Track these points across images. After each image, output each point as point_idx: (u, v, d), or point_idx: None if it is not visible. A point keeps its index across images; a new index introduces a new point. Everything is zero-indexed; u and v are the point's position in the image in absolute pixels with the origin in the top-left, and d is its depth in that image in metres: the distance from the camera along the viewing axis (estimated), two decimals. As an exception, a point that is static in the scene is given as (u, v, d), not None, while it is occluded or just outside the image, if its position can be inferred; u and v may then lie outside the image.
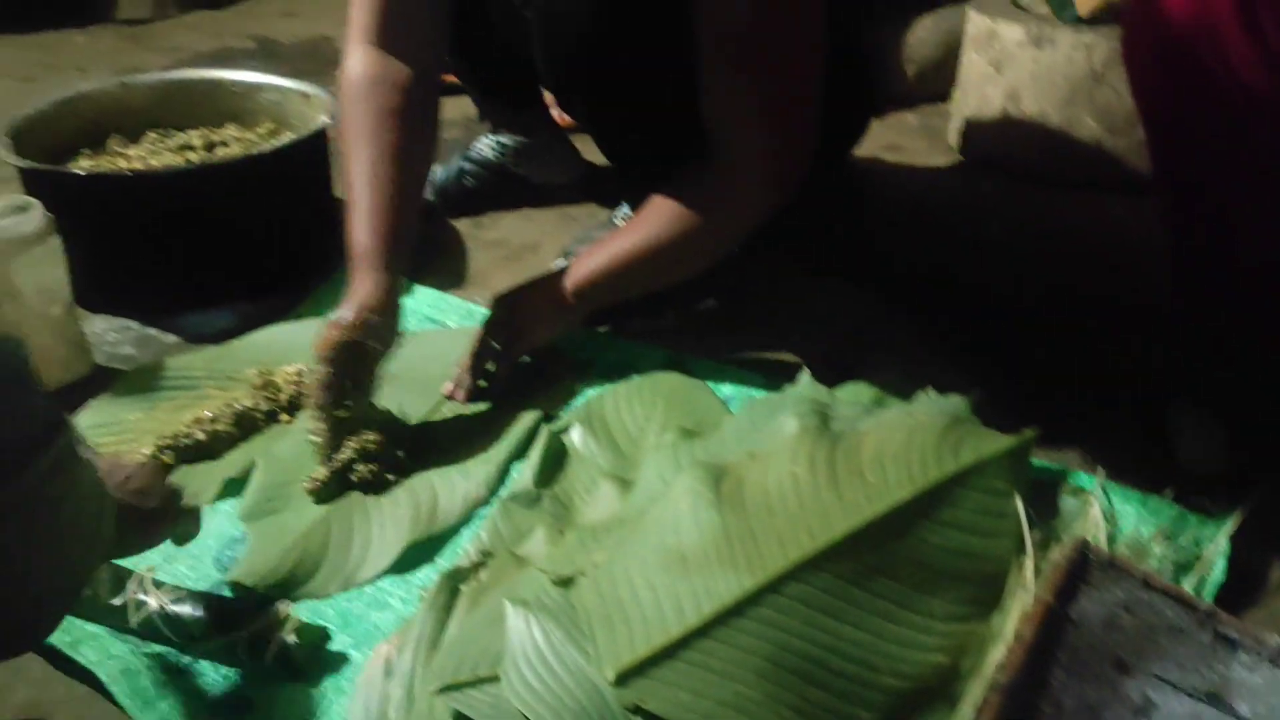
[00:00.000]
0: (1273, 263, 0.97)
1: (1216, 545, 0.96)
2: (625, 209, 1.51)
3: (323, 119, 1.52)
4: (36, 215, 1.18)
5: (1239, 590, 0.94)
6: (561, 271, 1.25)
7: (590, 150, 1.76)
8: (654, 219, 1.21)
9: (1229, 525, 0.97)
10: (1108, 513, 1.01)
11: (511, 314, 1.24)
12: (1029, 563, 0.92)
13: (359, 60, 1.23)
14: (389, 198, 1.17)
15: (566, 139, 1.74)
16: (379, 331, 1.13)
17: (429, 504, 1.08)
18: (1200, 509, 1.00)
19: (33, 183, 1.39)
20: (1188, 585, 0.94)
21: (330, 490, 1.09)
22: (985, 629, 0.90)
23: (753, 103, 1.16)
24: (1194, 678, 0.81)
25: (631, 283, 1.25)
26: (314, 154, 1.55)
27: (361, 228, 1.16)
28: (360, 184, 1.18)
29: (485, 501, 1.10)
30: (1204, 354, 1.04)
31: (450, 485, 1.11)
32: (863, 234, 1.54)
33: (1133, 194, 1.68)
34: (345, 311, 1.12)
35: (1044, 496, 1.03)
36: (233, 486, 1.11)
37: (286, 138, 1.58)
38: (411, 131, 1.22)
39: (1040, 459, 1.06)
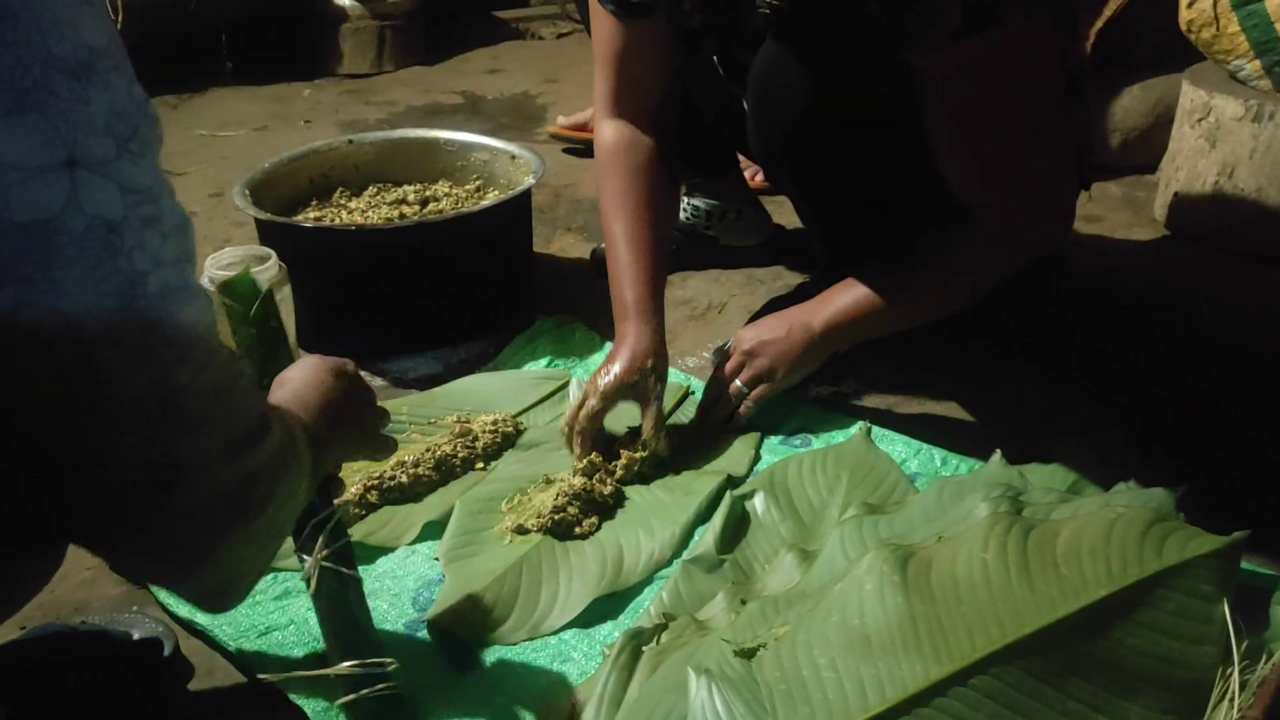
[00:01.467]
0: None
1: None
2: (818, 276, 1.52)
3: (528, 180, 1.59)
4: (272, 265, 1.28)
5: None
6: (804, 309, 1.29)
7: (778, 214, 1.78)
8: (905, 265, 1.25)
9: None
10: (1324, 627, 0.95)
11: (758, 353, 1.29)
12: (1235, 674, 0.88)
13: (609, 131, 1.38)
14: (648, 255, 1.31)
15: (758, 203, 1.77)
16: (660, 373, 1.28)
17: (615, 561, 1.12)
18: None
19: (267, 232, 1.51)
20: None
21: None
22: (1195, 741, 0.86)
23: (989, 167, 1.17)
24: None
25: (876, 324, 1.27)
26: (518, 212, 1.62)
27: (627, 282, 1.30)
28: (622, 242, 1.31)
29: (668, 563, 1.13)
30: None
31: (636, 544, 1.14)
32: (1063, 310, 1.50)
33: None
34: (625, 355, 1.26)
35: (1253, 605, 0.98)
36: (431, 529, 1.17)
37: (493, 196, 1.67)
38: (661, 193, 1.37)
39: (1251, 564, 1.01)
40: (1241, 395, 1.32)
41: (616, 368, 1.25)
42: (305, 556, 0.90)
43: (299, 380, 0.87)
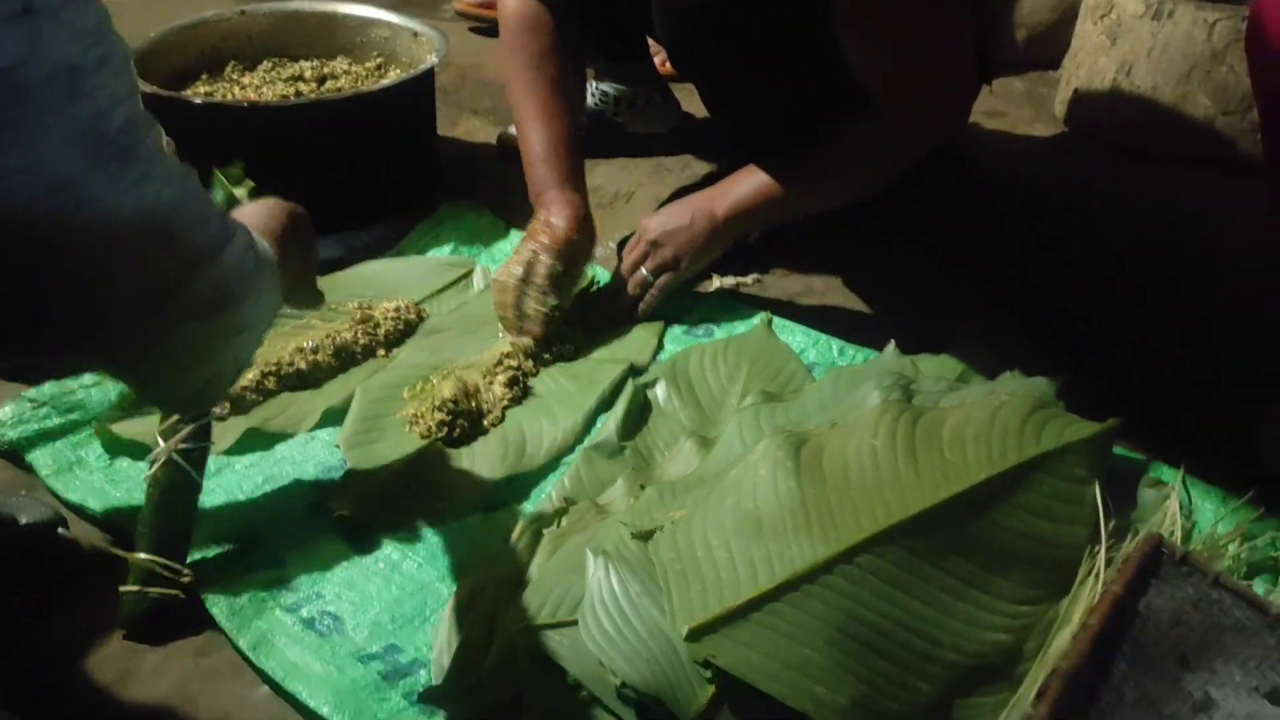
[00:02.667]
0: None
1: (1295, 548, 0.96)
2: (727, 164, 1.52)
3: (431, 59, 1.54)
4: (160, 140, 1.22)
5: (1313, 596, 0.94)
6: (707, 195, 1.30)
7: (687, 102, 1.76)
8: (808, 152, 1.25)
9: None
10: (1186, 508, 1.01)
11: (662, 242, 1.29)
12: (1101, 552, 0.93)
13: (514, 6, 1.36)
14: (564, 130, 1.31)
15: (667, 89, 1.75)
16: (589, 241, 1.29)
17: (517, 446, 1.13)
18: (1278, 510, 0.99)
19: (154, 107, 1.43)
20: (1260, 587, 0.94)
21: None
22: (1051, 614, 0.92)
23: (897, 62, 1.18)
24: (1257, 678, 0.82)
25: (779, 209, 1.28)
26: (420, 93, 1.58)
27: (545, 155, 1.29)
28: (535, 120, 1.31)
29: (570, 449, 1.14)
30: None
31: (539, 430, 1.15)
32: (960, 204, 1.52)
33: (1242, 176, 1.64)
34: (564, 215, 1.26)
35: (1123, 486, 1.03)
36: (331, 416, 1.16)
37: (395, 74, 1.62)
38: (570, 72, 1.36)
39: (1123, 449, 1.06)
40: (1128, 287, 1.36)
41: (559, 225, 1.26)
42: (163, 441, 0.95)
43: (253, 210, 0.97)
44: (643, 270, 1.30)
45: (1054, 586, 0.93)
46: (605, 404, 1.19)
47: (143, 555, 0.93)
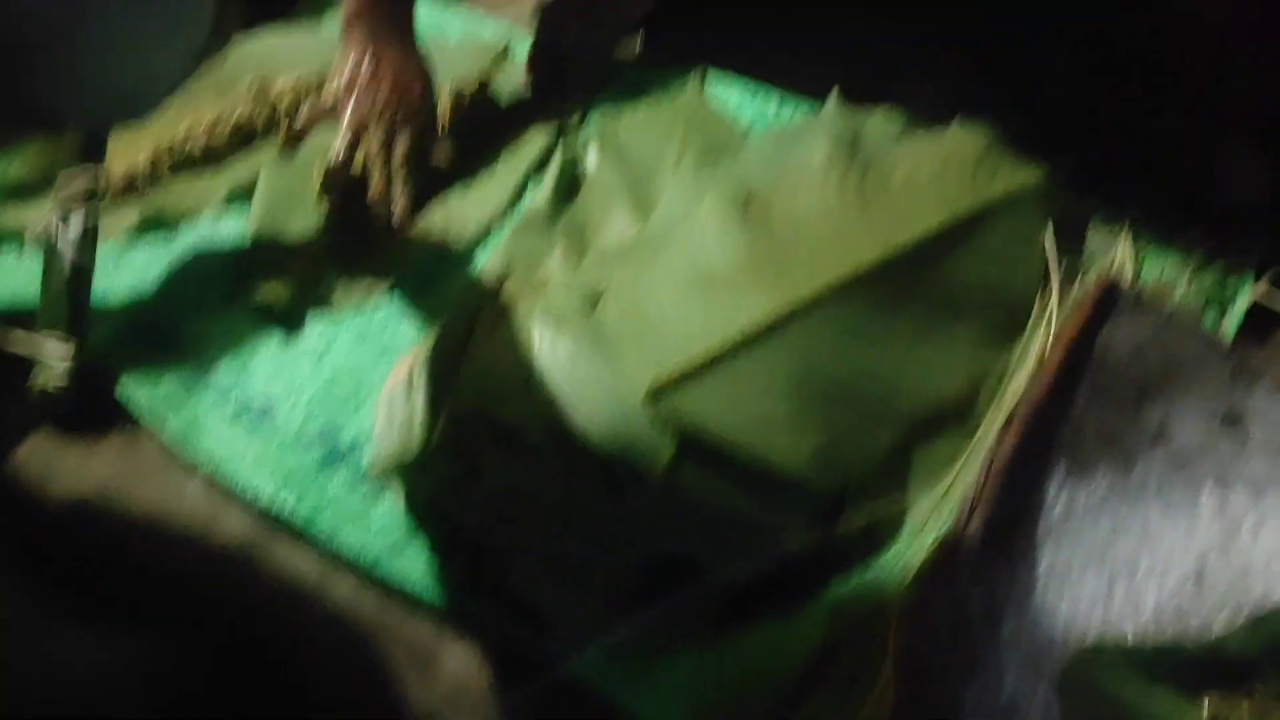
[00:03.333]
0: None
1: (1240, 280, 0.96)
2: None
3: None
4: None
5: (1262, 327, 0.94)
6: None
7: None
8: None
9: (1255, 263, 0.96)
10: (1137, 246, 0.99)
11: None
12: (1054, 295, 0.91)
13: None
14: None
15: None
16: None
17: (442, 224, 1.06)
18: (1234, 248, 0.98)
19: None
20: (1210, 320, 0.94)
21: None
22: (1007, 358, 0.91)
23: None
24: (1212, 405, 0.82)
25: None
26: None
27: None
28: None
29: (499, 222, 1.07)
30: (1263, 81, 0.99)
31: (463, 206, 1.08)
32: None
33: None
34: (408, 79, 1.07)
35: (1073, 229, 1.01)
36: (238, 196, 1.08)
37: None
38: None
39: (1074, 191, 1.03)
40: (1078, 25, 1.30)
41: (413, 86, 1.06)
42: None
43: None
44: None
45: (1008, 332, 0.92)
46: (533, 172, 1.12)
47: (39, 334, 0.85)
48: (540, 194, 1.08)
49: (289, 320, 0.96)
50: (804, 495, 0.79)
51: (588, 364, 0.82)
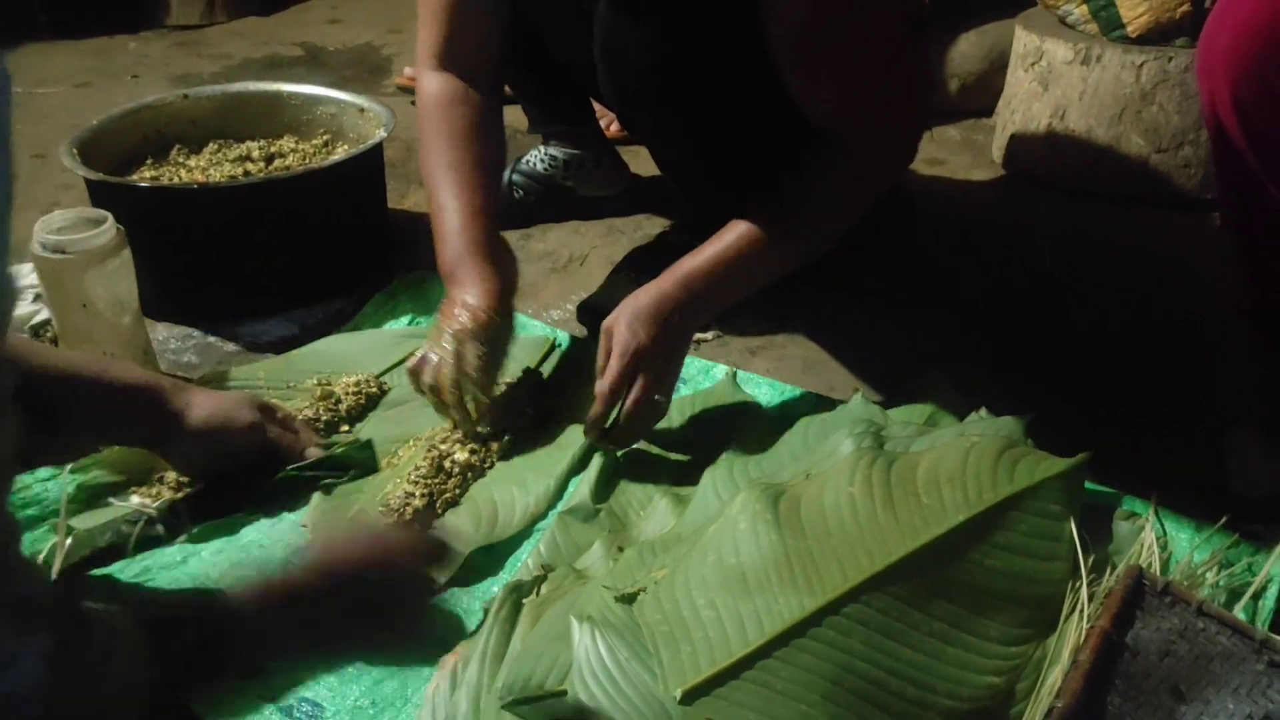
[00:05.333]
0: None
1: (1270, 572, 0.97)
2: (678, 225, 1.53)
3: (379, 133, 1.55)
4: (109, 228, 1.21)
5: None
6: (671, 279, 1.16)
7: (636, 163, 1.78)
8: (771, 210, 1.18)
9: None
10: (1161, 538, 1.02)
11: (655, 338, 1.12)
12: (1084, 587, 0.93)
13: (433, 83, 1.30)
14: (482, 202, 1.23)
15: (615, 152, 1.76)
16: (509, 318, 1.21)
17: (489, 516, 1.11)
18: (1254, 536, 1.01)
19: (99, 194, 1.43)
20: (1241, 612, 0.95)
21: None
22: (1040, 652, 0.91)
23: (849, 90, 1.17)
24: (1249, 705, 0.82)
25: (758, 275, 1.19)
26: (370, 167, 1.58)
27: (460, 229, 1.21)
28: (450, 196, 1.23)
29: (544, 515, 1.13)
30: (1265, 379, 1.05)
31: (510, 499, 1.13)
32: (912, 251, 1.55)
33: (1179, 210, 1.68)
34: (473, 300, 1.17)
35: (1098, 521, 1.04)
36: (297, 497, 1.14)
37: (342, 150, 1.62)
38: (487, 148, 1.29)
39: (1094, 483, 1.07)
40: (1083, 324, 1.39)
41: (477, 306, 1.17)
42: None
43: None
44: (636, 395, 1.13)
45: (1040, 625, 0.93)
46: (576, 468, 1.18)
47: None
48: (583, 485, 1.13)
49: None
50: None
51: (625, 663, 0.84)
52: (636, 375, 1.11)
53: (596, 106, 1.73)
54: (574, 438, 1.21)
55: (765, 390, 1.29)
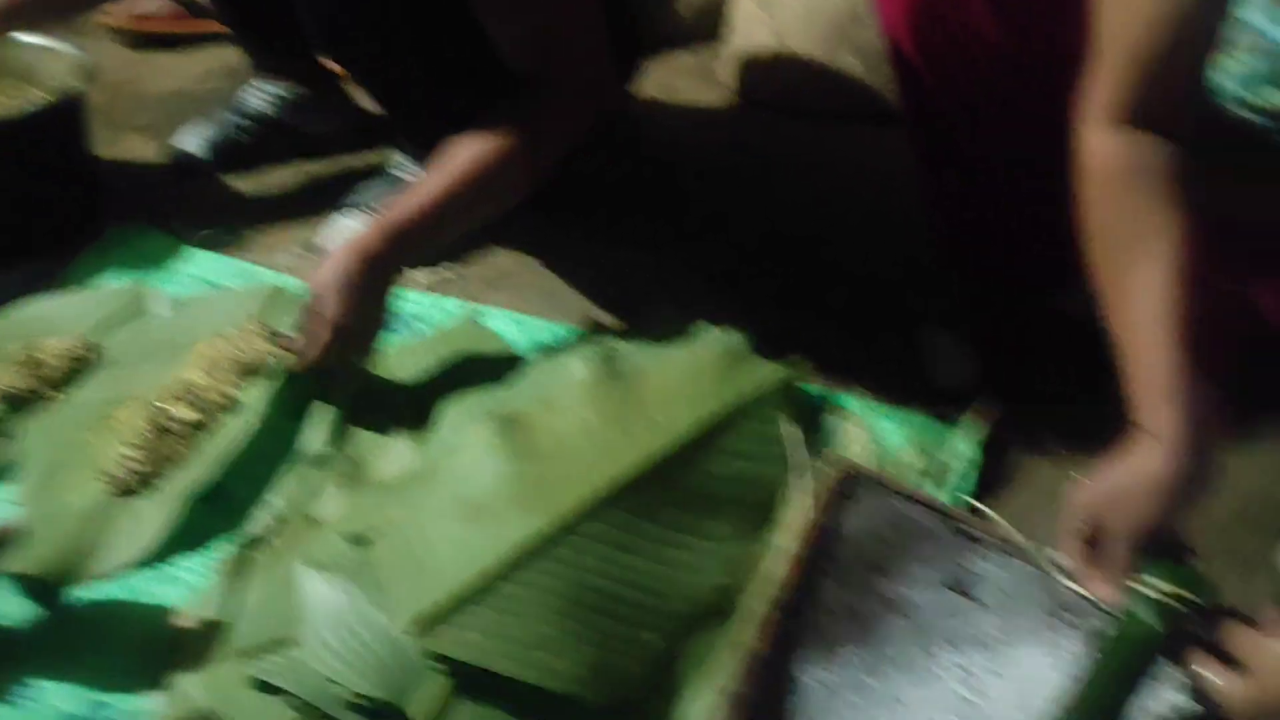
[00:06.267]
0: (1015, 201, 1.06)
1: (965, 454, 1.06)
2: (399, 157, 1.49)
3: (76, 80, 1.43)
4: None
5: (986, 490, 1.05)
6: (379, 231, 1.10)
7: (364, 98, 1.72)
8: (466, 153, 1.14)
9: (976, 435, 1.07)
10: (871, 431, 1.09)
11: (351, 309, 1.08)
12: (802, 483, 0.99)
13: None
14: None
15: (339, 87, 1.70)
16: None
17: (218, 470, 1.07)
18: (951, 422, 1.10)
19: None
20: (942, 492, 1.04)
21: None
22: (763, 548, 0.97)
23: (525, 32, 1.15)
24: (942, 574, 0.90)
25: (449, 226, 1.17)
26: (68, 117, 1.46)
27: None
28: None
29: (278, 462, 1.09)
30: (953, 281, 1.13)
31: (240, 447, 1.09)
32: (640, 178, 1.57)
33: (891, 125, 1.77)
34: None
35: (814, 420, 1.11)
36: (2, 470, 1.06)
37: (37, 98, 1.48)
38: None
39: (812, 386, 1.13)
40: (800, 238, 1.44)
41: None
42: None
43: None
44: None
45: (763, 524, 0.99)
46: (311, 413, 1.15)
47: None
48: (316, 433, 1.11)
49: (52, 593, 0.94)
50: (581, 714, 0.82)
51: (358, 605, 0.83)
52: (336, 344, 1.09)
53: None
54: (306, 384, 1.17)
55: (506, 324, 1.29)
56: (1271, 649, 0.70)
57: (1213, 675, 0.72)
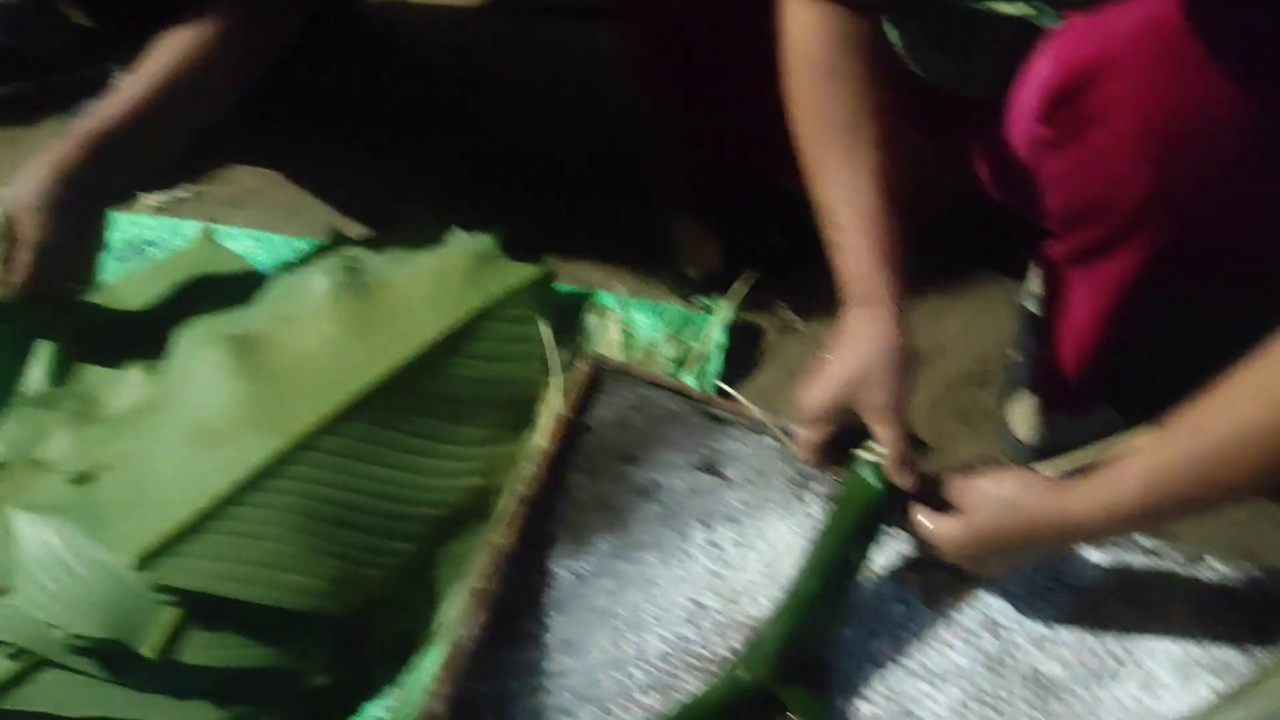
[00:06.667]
0: (740, 91, 1.05)
1: (713, 338, 1.08)
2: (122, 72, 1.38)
3: None
4: None
5: (735, 371, 1.07)
6: (74, 147, 0.99)
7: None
8: (170, 52, 1.03)
9: (723, 319, 1.09)
10: (625, 324, 1.10)
11: (51, 229, 0.97)
12: (555, 381, 0.99)
13: None
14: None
15: (56, 3, 1.55)
16: None
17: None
18: (701, 308, 1.11)
19: None
20: (693, 377, 1.05)
21: None
22: (518, 448, 0.97)
23: None
24: (692, 456, 0.92)
25: (161, 132, 1.04)
26: None
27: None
28: None
29: (-3, 406, 1.01)
30: (694, 172, 1.13)
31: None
32: (380, 83, 1.49)
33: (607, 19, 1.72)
34: None
35: (569, 318, 1.10)
36: None
37: None
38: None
39: (565, 285, 1.12)
40: (549, 137, 1.41)
41: None
42: None
43: None
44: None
45: (518, 423, 0.98)
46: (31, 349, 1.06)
47: None
48: (38, 371, 1.03)
49: None
50: (327, 628, 0.80)
51: (78, 546, 0.78)
52: (40, 270, 0.99)
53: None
54: (23, 315, 1.07)
55: (247, 243, 1.22)
56: (979, 488, 0.74)
57: (928, 521, 0.76)
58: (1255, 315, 0.63)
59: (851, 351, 0.78)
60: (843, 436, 0.81)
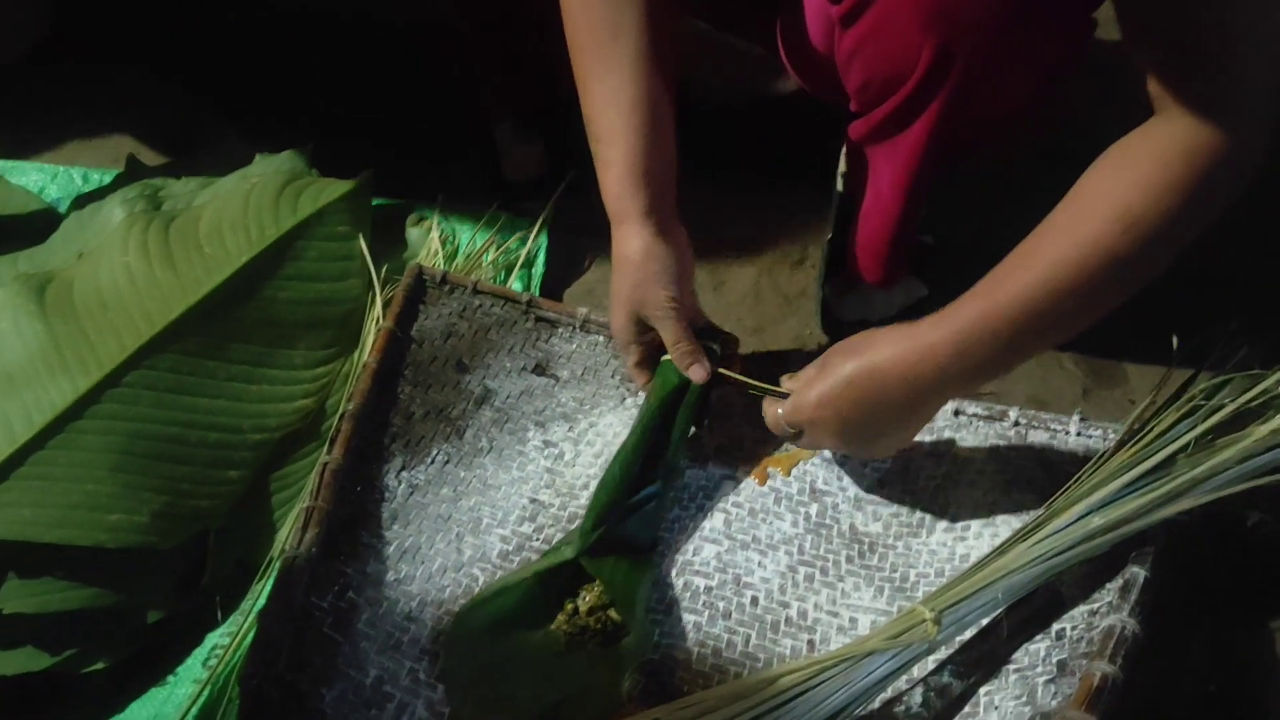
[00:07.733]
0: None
1: (537, 241, 1.08)
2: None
3: None
4: None
5: (558, 273, 1.07)
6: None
7: None
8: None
9: (545, 221, 1.09)
10: (447, 234, 1.08)
11: None
12: (377, 296, 0.97)
13: None
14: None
15: None
16: None
17: None
18: (527, 214, 1.10)
19: None
20: (517, 282, 1.05)
21: None
22: (348, 366, 0.95)
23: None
24: (523, 359, 0.92)
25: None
26: None
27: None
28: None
29: None
30: (509, 77, 1.11)
31: None
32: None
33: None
34: None
35: (392, 231, 1.09)
36: None
37: None
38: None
39: (383, 198, 1.10)
40: (381, 59, 1.36)
41: None
42: None
43: None
44: None
45: (343, 341, 0.97)
46: None
47: None
48: None
49: None
50: (159, 562, 0.78)
51: None
52: None
53: None
54: None
55: (35, 175, 1.15)
56: (830, 351, 0.75)
57: (788, 386, 0.79)
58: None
59: (622, 270, 0.81)
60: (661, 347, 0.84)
